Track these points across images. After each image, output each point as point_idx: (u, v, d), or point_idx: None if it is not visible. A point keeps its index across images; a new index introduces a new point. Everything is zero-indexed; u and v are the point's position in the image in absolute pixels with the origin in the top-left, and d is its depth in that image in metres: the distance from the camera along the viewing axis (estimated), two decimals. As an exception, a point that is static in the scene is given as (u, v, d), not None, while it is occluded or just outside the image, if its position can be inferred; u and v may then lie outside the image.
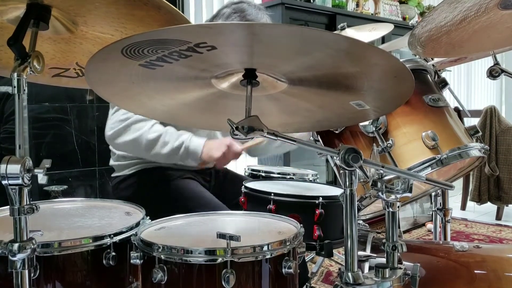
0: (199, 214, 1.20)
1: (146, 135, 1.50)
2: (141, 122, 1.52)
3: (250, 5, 1.66)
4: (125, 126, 1.52)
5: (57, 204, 1.28)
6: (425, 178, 0.91)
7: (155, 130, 1.52)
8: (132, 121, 1.52)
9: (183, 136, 1.53)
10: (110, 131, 1.54)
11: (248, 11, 1.62)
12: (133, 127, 1.51)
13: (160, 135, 1.51)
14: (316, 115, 1.08)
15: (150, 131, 1.51)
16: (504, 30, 1.15)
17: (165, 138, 1.51)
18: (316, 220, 1.32)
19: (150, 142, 1.50)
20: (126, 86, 0.90)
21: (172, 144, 1.50)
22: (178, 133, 1.54)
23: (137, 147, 1.53)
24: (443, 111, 1.22)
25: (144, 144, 1.51)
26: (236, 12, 1.62)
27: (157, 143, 1.50)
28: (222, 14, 1.64)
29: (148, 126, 1.52)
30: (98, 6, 0.88)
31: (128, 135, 1.51)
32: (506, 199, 3.64)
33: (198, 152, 1.50)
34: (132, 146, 1.54)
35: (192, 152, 1.50)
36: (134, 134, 1.51)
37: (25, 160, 0.78)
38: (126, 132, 1.52)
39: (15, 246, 0.79)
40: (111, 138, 1.56)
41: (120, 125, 1.52)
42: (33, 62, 0.82)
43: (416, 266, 0.95)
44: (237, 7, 1.63)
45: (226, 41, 0.73)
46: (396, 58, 0.80)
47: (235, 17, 1.61)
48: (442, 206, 1.60)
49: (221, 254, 0.88)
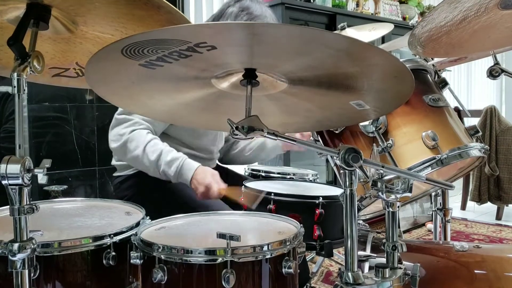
0: (199, 214, 1.20)
1: (141, 158, 1.50)
2: (134, 142, 1.50)
3: (253, 0, 1.66)
4: (122, 145, 1.51)
5: (57, 204, 1.28)
6: (425, 178, 0.91)
7: (151, 151, 1.49)
8: (128, 140, 1.50)
9: (178, 160, 1.50)
10: (112, 144, 1.55)
11: (252, 7, 1.63)
12: (128, 146, 1.50)
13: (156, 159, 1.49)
14: (316, 115, 1.08)
15: (145, 153, 1.49)
16: (504, 30, 1.15)
17: (159, 162, 1.50)
18: (316, 220, 1.32)
19: (144, 164, 1.51)
20: (126, 86, 0.90)
21: (164, 169, 1.49)
22: (173, 156, 1.50)
23: (135, 165, 1.58)
24: (443, 111, 1.22)
25: (140, 165, 1.54)
26: (244, 10, 1.62)
27: (150, 166, 1.51)
28: (229, 13, 1.63)
29: (141, 147, 1.49)
30: (98, 6, 0.88)
31: (126, 154, 1.52)
32: (506, 199, 3.64)
33: (187, 182, 1.50)
34: (131, 163, 1.58)
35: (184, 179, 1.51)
36: (130, 155, 1.51)
37: (25, 160, 0.78)
38: (125, 152, 1.52)
39: (15, 246, 0.79)
40: (113, 151, 1.60)
41: (119, 143, 1.52)
42: (33, 62, 0.82)
43: (416, 266, 0.95)
44: (241, 5, 1.63)
45: (226, 41, 0.73)
46: (396, 58, 0.80)
47: (243, 15, 1.61)
48: (442, 206, 1.60)
49: (221, 254, 0.89)
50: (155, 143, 1.51)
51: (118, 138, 1.52)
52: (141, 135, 1.50)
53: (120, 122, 1.53)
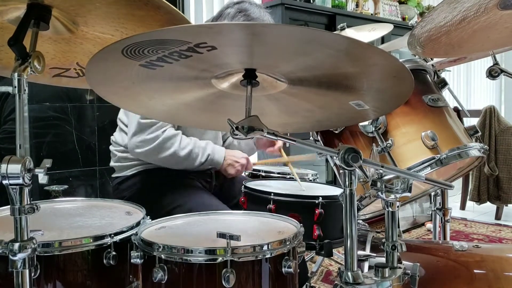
0: (199, 214, 1.21)
1: (178, 153, 1.58)
2: (171, 140, 1.57)
3: (252, 4, 1.67)
4: (157, 146, 1.56)
5: (57, 204, 1.29)
6: (425, 177, 0.91)
7: (185, 146, 1.60)
8: (163, 140, 1.56)
9: (208, 149, 1.65)
10: (138, 149, 1.57)
11: (250, 10, 1.64)
12: (164, 146, 1.57)
13: (191, 151, 1.60)
14: (316, 115, 1.08)
15: (180, 148, 1.59)
16: (504, 30, 1.15)
17: (194, 154, 1.61)
18: (316, 220, 1.32)
19: (182, 158, 1.59)
20: (127, 86, 0.90)
21: (200, 160, 1.62)
22: (202, 145, 1.64)
23: (170, 163, 1.61)
24: (442, 111, 1.22)
25: (176, 160, 1.59)
26: (241, 12, 1.63)
27: (188, 159, 1.60)
28: (226, 14, 1.65)
29: (177, 143, 1.58)
30: (98, 6, 0.88)
31: (162, 153, 1.57)
32: (505, 198, 3.65)
33: (220, 164, 1.67)
34: (165, 162, 1.61)
35: (215, 163, 1.67)
36: (167, 153, 1.57)
37: (26, 160, 0.78)
38: (159, 152, 1.57)
39: (15, 246, 0.79)
40: (140, 155, 1.60)
41: (151, 145, 1.56)
42: (33, 62, 0.83)
43: (415, 266, 0.95)
44: (239, 7, 1.64)
45: (226, 41, 0.73)
46: (395, 58, 0.81)
47: (240, 16, 1.63)
48: (441, 206, 1.61)
49: (221, 253, 0.89)
50: (184, 137, 1.62)
51: (147, 143, 1.56)
52: (172, 133, 1.59)
53: (147, 126, 1.56)
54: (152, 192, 1.62)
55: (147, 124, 1.55)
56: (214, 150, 1.65)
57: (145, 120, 1.55)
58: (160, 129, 1.56)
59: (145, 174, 1.65)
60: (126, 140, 1.63)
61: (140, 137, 1.56)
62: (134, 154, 1.60)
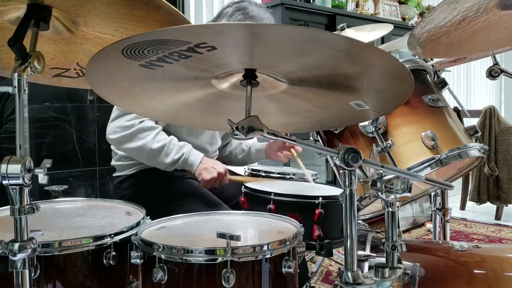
0: (199, 214, 1.21)
1: (150, 145, 1.54)
2: (146, 132, 1.55)
3: (251, 3, 1.67)
4: (130, 134, 1.54)
5: (57, 204, 1.29)
6: (425, 178, 0.91)
7: (159, 140, 1.56)
8: (137, 130, 1.54)
9: (184, 148, 1.58)
10: (113, 135, 1.57)
11: (249, 8, 1.65)
12: (138, 135, 1.54)
13: (164, 146, 1.55)
14: (316, 115, 1.08)
15: (154, 141, 1.55)
16: (503, 30, 1.15)
17: (168, 149, 1.56)
18: (316, 220, 1.32)
19: (153, 151, 1.55)
20: (126, 86, 0.90)
21: (173, 157, 1.56)
22: (179, 145, 1.59)
23: (140, 155, 1.58)
24: (442, 111, 1.22)
25: (147, 153, 1.55)
26: (239, 10, 1.64)
27: (160, 153, 1.55)
28: (225, 13, 1.65)
29: (152, 136, 1.55)
30: (98, 6, 0.88)
31: (133, 143, 1.55)
32: (505, 199, 3.65)
33: (194, 166, 1.58)
34: (136, 153, 1.58)
35: (189, 165, 1.58)
36: (138, 143, 1.54)
37: (26, 160, 0.78)
38: (131, 140, 1.55)
39: (15, 246, 0.79)
40: (113, 142, 1.60)
41: (125, 132, 1.54)
42: (33, 62, 0.83)
43: (415, 266, 0.95)
44: (239, 6, 1.65)
45: (226, 41, 0.73)
46: (395, 58, 0.81)
47: (238, 14, 1.63)
48: (441, 206, 1.61)
49: (221, 253, 0.89)
50: (162, 133, 1.58)
51: (122, 129, 1.54)
52: (150, 125, 1.56)
53: (124, 114, 1.55)
54: (153, 191, 1.62)
55: (126, 112, 1.55)
56: (191, 152, 1.59)
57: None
58: (138, 118, 1.54)
59: (146, 173, 1.65)
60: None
61: (117, 123, 1.56)
62: (110, 140, 1.59)
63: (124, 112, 1.55)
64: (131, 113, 1.54)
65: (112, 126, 1.57)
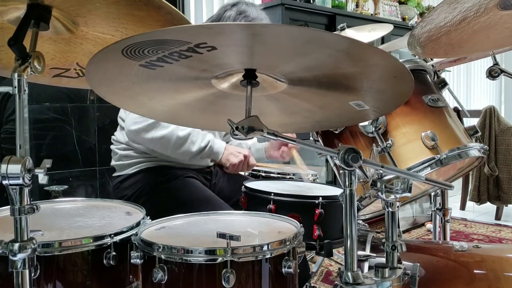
0: (199, 214, 1.21)
1: (176, 132, 1.51)
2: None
3: (248, 4, 1.69)
4: (154, 122, 1.51)
5: (57, 204, 1.29)
6: (425, 178, 0.91)
7: (184, 128, 1.53)
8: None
9: (208, 136, 1.59)
10: (135, 125, 1.53)
11: (248, 10, 1.67)
12: (162, 123, 1.51)
13: (190, 134, 1.54)
14: (316, 115, 1.08)
15: (179, 129, 1.52)
16: (504, 30, 1.15)
17: (193, 137, 1.54)
18: (316, 220, 1.32)
19: (180, 139, 1.52)
20: (126, 86, 0.90)
21: (199, 144, 1.55)
22: (203, 133, 1.58)
23: (166, 143, 1.54)
24: (442, 111, 1.22)
25: (174, 141, 1.53)
26: (241, 14, 1.65)
27: (186, 141, 1.53)
28: (227, 17, 1.66)
29: (175, 125, 1.52)
30: (98, 6, 0.88)
31: (158, 131, 1.51)
32: (505, 199, 3.65)
33: (220, 154, 1.60)
34: (160, 143, 1.54)
35: (215, 153, 1.59)
36: (164, 131, 1.51)
37: (26, 160, 0.78)
38: (155, 128, 1.51)
39: (15, 246, 0.79)
40: (136, 132, 1.54)
41: (148, 121, 1.51)
42: (33, 62, 0.83)
43: (415, 266, 0.95)
44: (238, 9, 1.66)
45: (226, 41, 0.73)
46: (395, 58, 0.81)
47: (241, 18, 1.65)
48: (441, 206, 1.61)
49: (221, 253, 0.89)
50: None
51: (144, 118, 1.50)
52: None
53: None
54: (153, 191, 1.62)
55: None
56: (214, 139, 1.60)
57: None
58: None
59: (146, 172, 1.65)
60: (127, 136, 1.62)
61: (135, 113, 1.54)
62: (131, 132, 1.54)
63: None
64: None
65: (132, 117, 1.54)
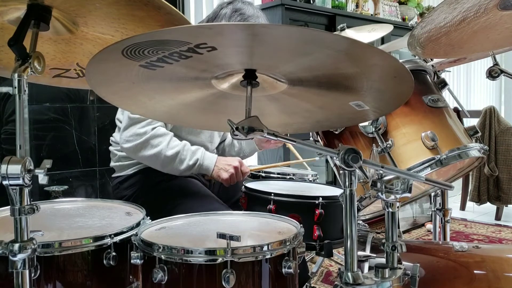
0: (199, 214, 1.21)
1: (164, 152, 1.55)
2: (159, 138, 1.55)
3: (244, 2, 1.69)
4: (144, 141, 1.54)
5: (57, 204, 1.29)
6: (425, 178, 0.91)
7: (173, 147, 1.56)
8: (151, 136, 1.54)
9: (198, 153, 1.60)
10: (127, 144, 1.56)
11: (244, 8, 1.67)
12: (151, 142, 1.54)
13: (178, 152, 1.56)
14: (316, 116, 1.08)
15: (168, 148, 1.55)
16: (504, 30, 1.15)
17: (182, 156, 1.57)
18: (316, 220, 1.32)
19: (167, 158, 1.55)
20: (127, 87, 0.90)
21: (187, 163, 1.57)
22: (192, 149, 1.60)
23: (154, 163, 1.58)
24: (442, 112, 1.22)
25: (162, 160, 1.56)
26: (236, 11, 1.65)
27: (175, 160, 1.56)
28: (223, 15, 1.66)
29: (165, 143, 1.55)
30: (98, 6, 0.88)
31: (147, 151, 1.55)
32: (505, 199, 3.65)
33: (210, 169, 1.60)
34: (150, 161, 1.58)
35: (205, 169, 1.60)
36: (153, 150, 1.54)
37: (26, 161, 0.78)
38: (145, 148, 1.55)
39: (15, 246, 0.79)
40: (128, 151, 1.59)
41: (138, 140, 1.54)
42: (33, 62, 0.83)
43: (415, 266, 0.95)
44: (234, 7, 1.66)
45: (226, 42, 0.73)
46: (395, 58, 0.81)
47: (236, 15, 1.64)
48: (441, 206, 1.61)
49: (221, 254, 0.89)
50: (175, 139, 1.59)
51: (135, 138, 1.54)
52: (163, 131, 1.56)
53: (136, 122, 1.55)
54: (153, 191, 1.62)
55: (138, 119, 1.55)
56: (204, 156, 1.61)
57: (135, 116, 1.55)
58: (150, 125, 1.54)
59: (146, 172, 1.65)
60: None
61: (130, 131, 1.55)
62: (124, 150, 1.59)
63: (136, 119, 1.55)
64: (143, 120, 1.54)
65: (125, 135, 1.56)
